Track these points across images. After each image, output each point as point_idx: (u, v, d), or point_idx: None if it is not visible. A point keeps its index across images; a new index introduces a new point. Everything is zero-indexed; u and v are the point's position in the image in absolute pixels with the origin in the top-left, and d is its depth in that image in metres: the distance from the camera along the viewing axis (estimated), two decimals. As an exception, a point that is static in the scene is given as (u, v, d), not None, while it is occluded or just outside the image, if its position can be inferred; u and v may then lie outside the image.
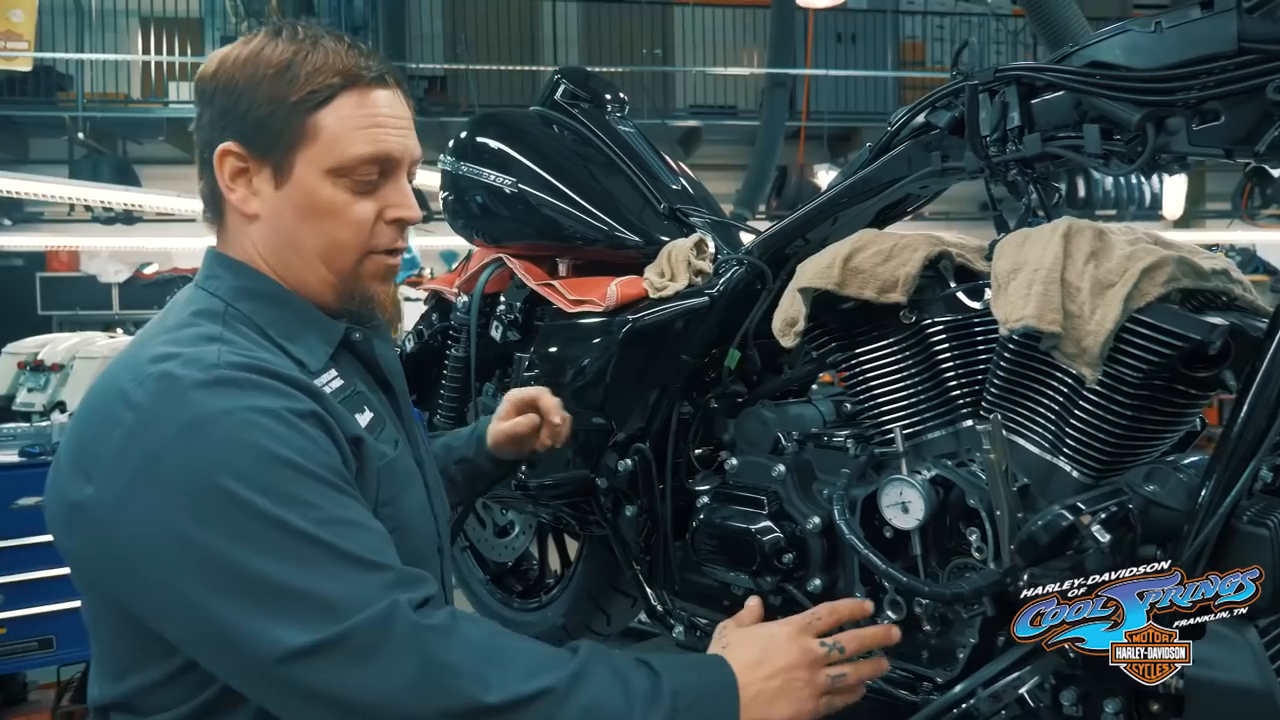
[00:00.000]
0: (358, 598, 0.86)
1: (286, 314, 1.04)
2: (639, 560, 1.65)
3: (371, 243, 1.05)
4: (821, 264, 1.34)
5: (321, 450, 0.92)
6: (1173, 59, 1.11)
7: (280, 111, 1.00)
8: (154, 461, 0.87)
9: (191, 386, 0.89)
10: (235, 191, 1.02)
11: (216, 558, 0.85)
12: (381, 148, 1.02)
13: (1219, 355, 1.08)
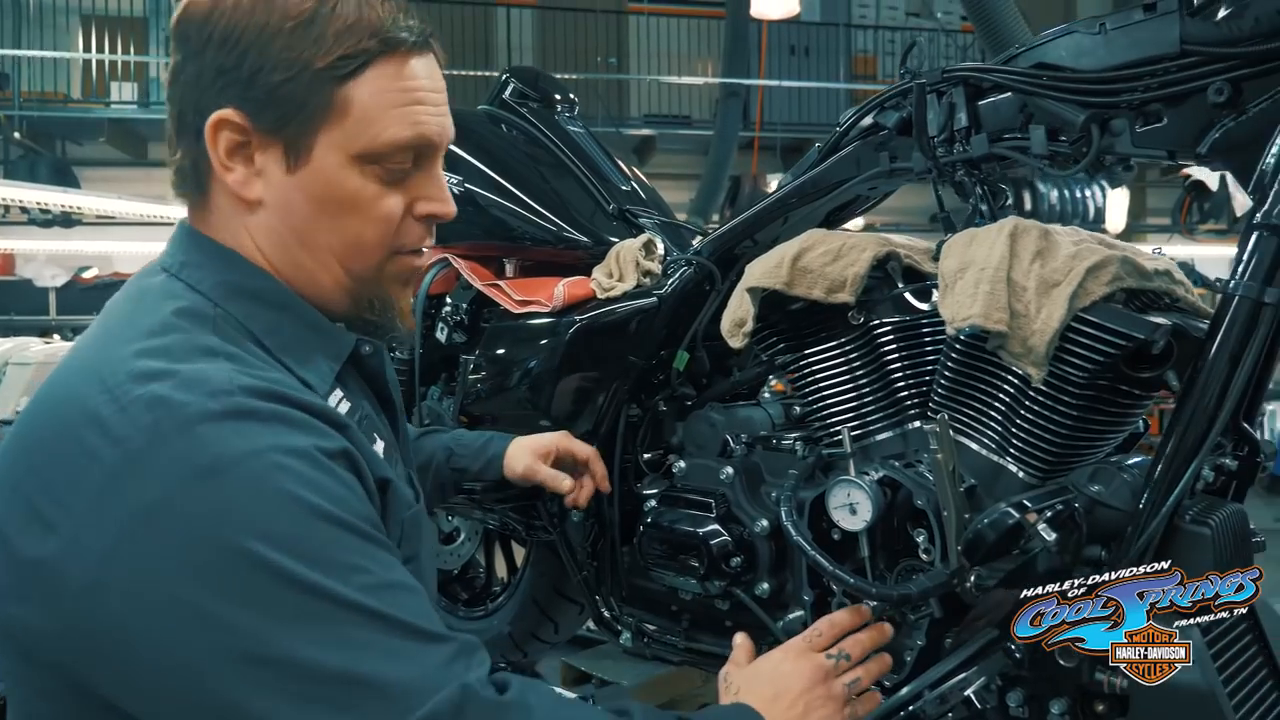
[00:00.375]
0: (425, 681, 0.72)
1: (287, 321, 0.86)
2: (586, 566, 1.63)
3: (398, 241, 0.89)
4: (770, 264, 1.32)
5: (357, 497, 0.77)
6: (1116, 60, 1.12)
7: (301, 79, 0.81)
8: (156, 515, 0.69)
9: (200, 418, 0.71)
10: (233, 171, 0.83)
11: (248, 641, 0.68)
12: (421, 131, 0.86)
13: (1162, 355, 1.08)
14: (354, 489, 0.77)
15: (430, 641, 0.75)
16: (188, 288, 0.84)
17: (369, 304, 0.91)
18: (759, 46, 9.88)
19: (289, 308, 0.87)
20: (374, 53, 0.83)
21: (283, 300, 0.87)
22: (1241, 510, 1.10)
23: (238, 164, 0.84)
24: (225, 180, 0.84)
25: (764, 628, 1.40)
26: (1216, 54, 1.03)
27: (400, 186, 0.87)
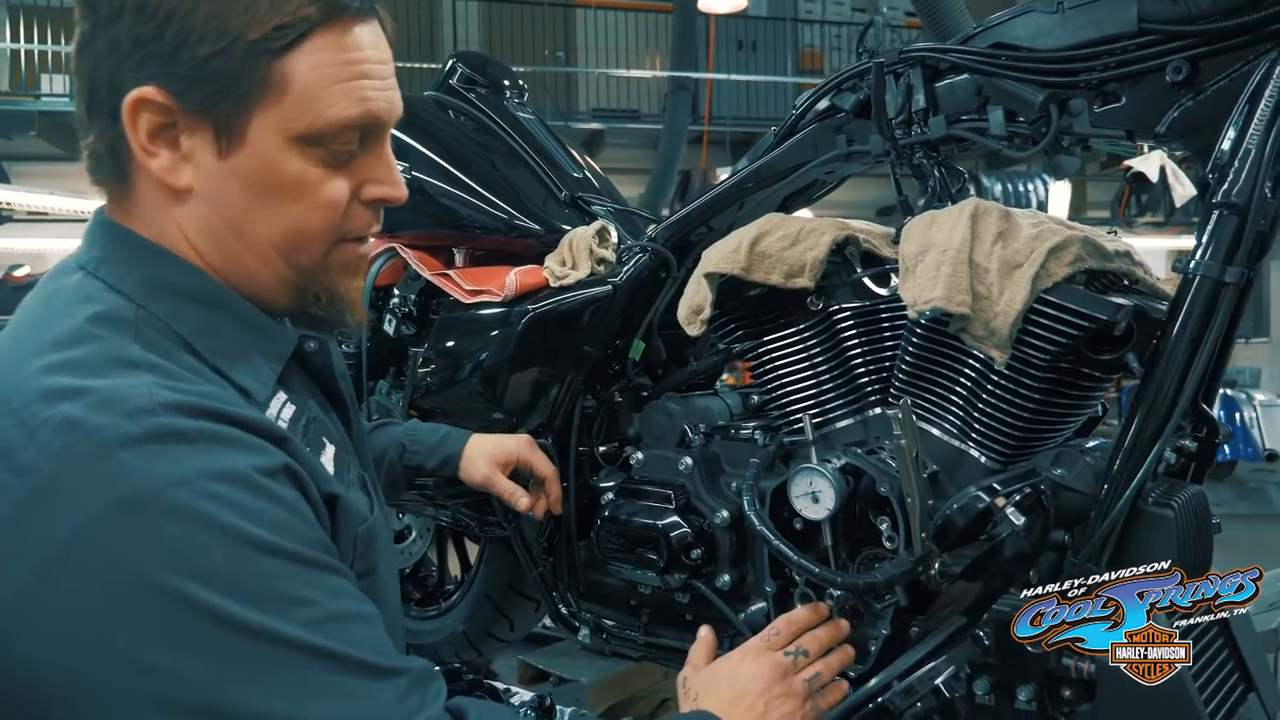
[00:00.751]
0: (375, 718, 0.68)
1: (220, 320, 0.78)
2: (542, 562, 1.59)
3: (344, 228, 0.81)
4: (727, 249, 1.30)
5: (301, 520, 0.70)
6: (1074, 39, 1.11)
7: (232, 52, 0.73)
8: (70, 554, 0.61)
9: (118, 443, 0.63)
10: (156, 156, 0.75)
11: (181, 692, 0.62)
12: (369, 108, 0.77)
13: (1123, 337, 1.08)
14: (297, 510, 0.71)
15: (381, 678, 0.70)
16: (106, 287, 0.75)
17: (314, 297, 0.83)
18: (707, 41, 9.88)
19: (222, 305, 0.79)
20: (314, 21, 0.74)
21: (215, 297, 0.79)
22: (1202, 492, 1.10)
23: (161, 148, 0.75)
24: (148, 167, 0.75)
25: (726, 620, 1.37)
26: (1174, 32, 1.03)
27: (346, 169, 0.80)
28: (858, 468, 1.19)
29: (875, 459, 1.19)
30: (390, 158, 0.83)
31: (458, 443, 1.37)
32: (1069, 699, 1.05)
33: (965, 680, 1.04)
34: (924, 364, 1.20)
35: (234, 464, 0.67)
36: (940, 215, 1.15)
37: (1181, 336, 1.00)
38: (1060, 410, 1.15)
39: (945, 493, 1.18)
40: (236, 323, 0.80)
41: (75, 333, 0.71)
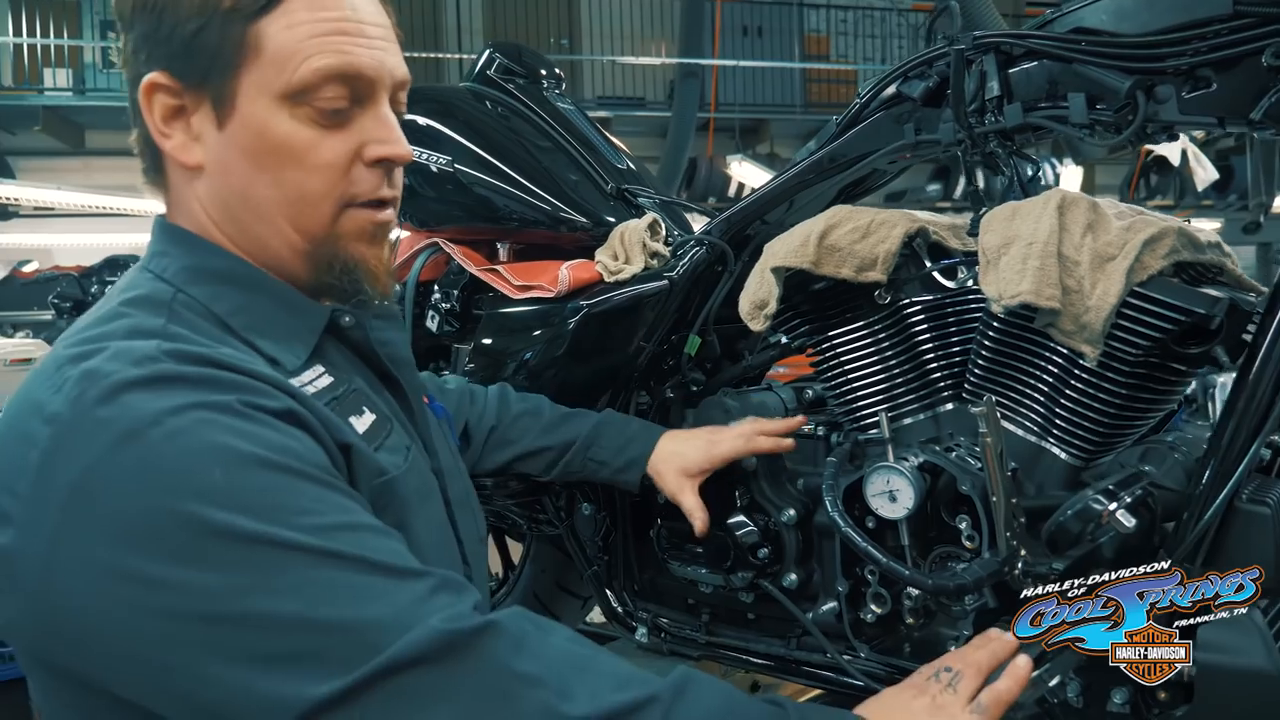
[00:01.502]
0: (395, 618, 0.67)
1: (254, 299, 0.82)
2: (596, 560, 1.56)
3: (349, 191, 0.83)
4: (794, 242, 1.27)
5: (304, 447, 0.73)
6: (1163, 23, 1.07)
7: (212, 23, 0.78)
8: (86, 486, 0.66)
9: (123, 386, 0.68)
10: (171, 138, 0.81)
11: (198, 601, 0.65)
12: (347, 59, 0.79)
13: (1215, 330, 1.05)
14: (300, 440, 0.73)
15: (401, 577, 0.70)
16: (153, 277, 0.81)
17: (328, 266, 0.85)
18: (712, 26, 9.82)
19: (259, 287, 0.84)
20: None
21: (252, 279, 0.84)
22: (1292, 488, 1.07)
23: (175, 130, 0.81)
24: (166, 149, 0.81)
25: (792, 620, 1.35)
26: (1273, 14, 0.99)
27: (342, 130, 0.82)
28: (937, 466, 1.16)
29: (954, 457, 1.16)
30: (389, 117, 0.84)
31: (645, 445, 1.33)
32: (1165, 701, 1.02)
33: (1061, 685, 1.02)
34: (1002, 359, 1.17)
35: (228, 398, 0.70)
36: (1023, 206, 1.12)
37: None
38: (1145, 405, 1.12)
39: (1024, 490, 1.15)
40: (272, 302, 0.84)
41: (107, 313, 0.78)
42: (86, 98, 8.86)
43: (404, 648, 0.66)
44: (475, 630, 0.69)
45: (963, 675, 0.86)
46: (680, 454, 1.32)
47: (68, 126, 9.14)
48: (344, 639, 0.66)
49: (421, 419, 0.97)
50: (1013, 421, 1.17)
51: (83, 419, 0.68)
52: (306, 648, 0.66)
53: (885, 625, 1.27)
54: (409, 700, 0.66)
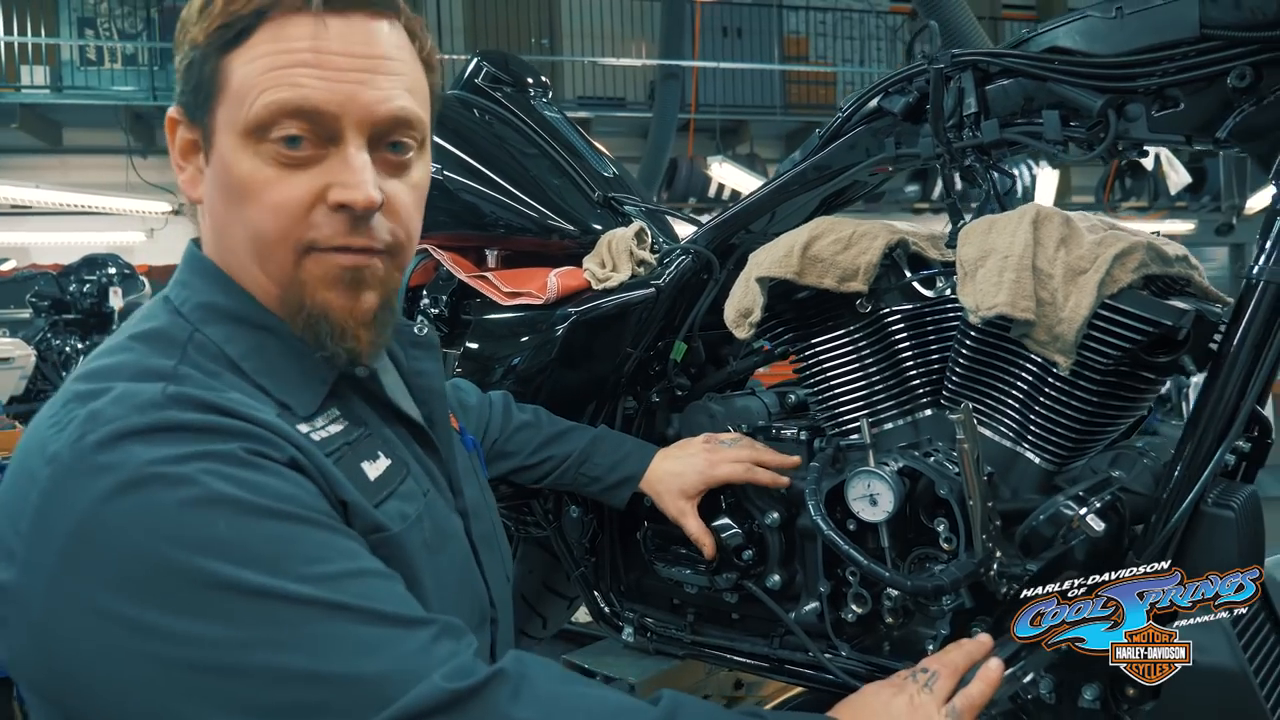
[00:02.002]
0: (400, 671, 0.67)
1: (266, 342, 0.82)
2: (584, 562, 1.59)
3: (308, 236, 0.79)
4: (778, 253, 1.30)
5: (307, 494, 0.73)
6: (1133, 45, 1.11)
7: (196, 58, 0.79)
8: (84, 535, 0.66)
9: (125, 434, 0.68)
10: (184, 171, 0.83)
11: (198, 657, 0.65)
12: (297, 95, 0.76)
13: (1183, 340, 1.09)
14: (303, 486, 0.73)
15: (405, 627, 0.70)
16: (171, 311, 0.82)
17: (295, 313, 0.82)
18: (692, 27, 9.86)
19: (271, 330, 0.82)
20: (250, 17, 0.77)
21: (263, 322, 0.82)
22: (1255, 491, 1.12)
23: (188, 164, 0.84)
24: (179, 182, 0.84)
25: (775, 619, 1.38)
26: (1238, 38, 1.03)
27: (305, 170, 0.78)
28: (915, 470, 1.20)
29: (932, 461, 1.20)
30: (354, 160, 0.79)
31: (638, 465, 1.36)
32: (1133, 698, 1.07)
33: (1034, 682, 1.06)
34: (979, 367, 1.21)
35: (233, 447, 0.70)
36: (999, 220, 1.16)
37: (1245, 343, 1.02)
38: (1115, 412, 1.16)
39: (1000, 493, 1.19)
40: (283, 347, 0.82)
41: (114, 347, 0.78)
42: (64, 95, 8.79)
43: (410, 703, 0.66)
44: (477, 684, 0.69)
45: (939, 676, 0.90)
46: (679, 475, 1.35)
47: (45, 124, 9.06)
48: (349, 692, 0.66)
49: (449, 454, 0.96)
50: (989, 427, 1.21)
51: (82, 462, 0.67)
52: (311, 701, 0.65)
53: (866, 624, 1.31)
54: None
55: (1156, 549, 1.05)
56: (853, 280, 1.26)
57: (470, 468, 1.03)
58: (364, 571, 0.72)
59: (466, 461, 1.02)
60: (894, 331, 1.30)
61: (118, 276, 6.30)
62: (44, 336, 6.27)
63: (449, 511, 0.93)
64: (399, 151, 0.83)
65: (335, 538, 0.72)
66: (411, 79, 0.84)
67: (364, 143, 0.80)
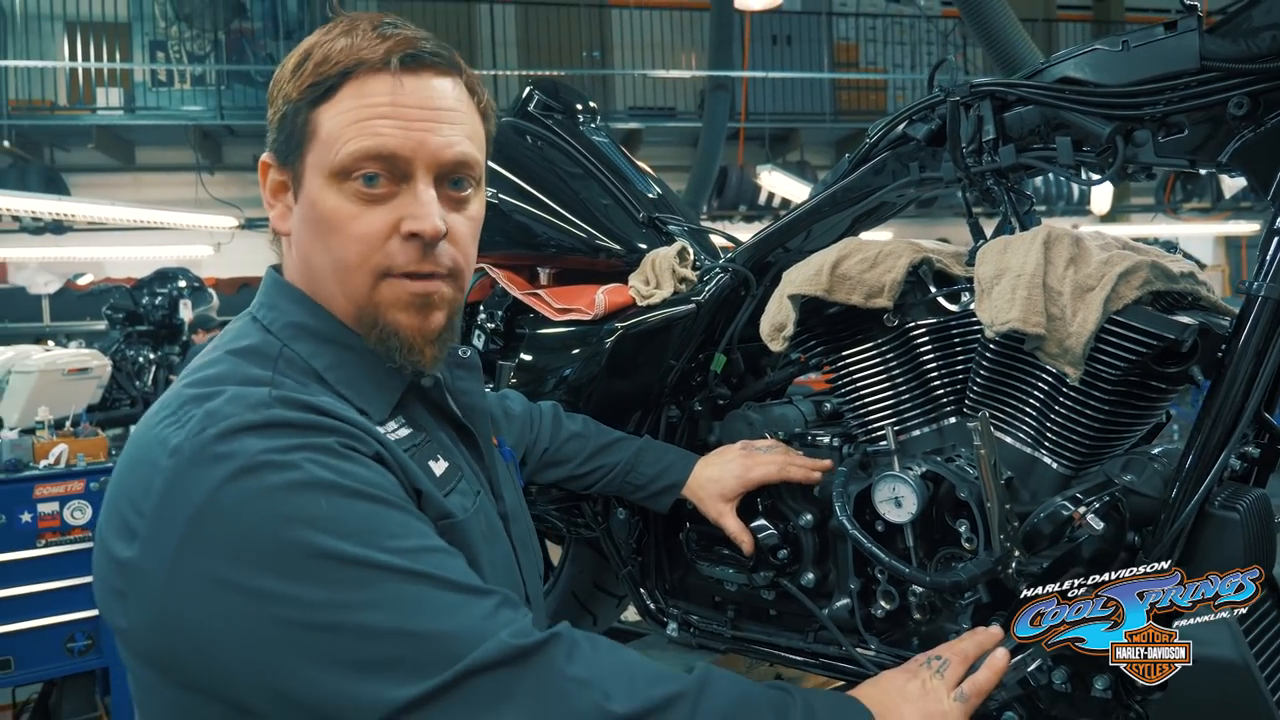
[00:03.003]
0: (471, 630, 0.78)
1: (346, 357, 0.94)
2: (630, 561, 1.69)
3: (385, 263, 0.92)
4: (809, 271, 1.39)
5: (389, 482, 0.85)
6: (1139, 76, 1.19)
7: (289, 112, 0.92)
8: (206, 513, 0.76)
9: (241, 428, 0.79)
10: (274, 208, 0.96)
11: (302, 615, 0.75)
12: (381, 142, 0.89)
13: (1189, 352, 1.16)
14: (385, 475, 0.85)
15: (474, 595, 0.81)
16: (262, 330, 0.94)
17: (369, 330, 0.94)
18: (742, 37, 9.94)
19: (351, 347, 0.95)
20: (337, 76, 0.91)
21: (343, 339, 0.95)
22: (1265, 495, 1.18)
23: (277, 202, 0.97)
24: (270, 218, 0.97)
25: (809, 615, 1.47)
26: (1235, 69, 1.10)
27: (382, 205, 0.91)
28: (938, 474, 1.28)
29: (954, 466, 1.28)
30: (425, 195, 0.92)
31: (679, 473, 1.47)
32: (1143, 688, 1.13)
33: (1046, 670, 1.13)
34: (998, 378, 1.29)
35: (330, 440, 0.82)
36: (1013, 240, 1.24)
37: (1245, 353, 1.09)
38: (1128, 420, 1.23)
39: (1020, 497, 1.27)
40: (360, 361, 0.95)
41: (215, 360, 0.90)
42: (137, 116, 9.16)
43: (480, 655, 0.77)
44: (538, 642, 0.80)
45: (950, 663, 0.99)
46: (718, 480, 1.46)
47: (119, 144, 9.45)
48: (429, 647, 0.77)
49: (490, 463, 1.09)
50: (1008, 434, 1.29)
51: (203, 453, 0.78)
52: (396, 655, 0.76)
53: (894, 620, 1.39)
54: (482, 701, 0.77)
55: (1164, 548, 1.12)
56: (879, 297, 1.35)
57: (508, 476, 1.15)
58: (437, 548, 0.84)
59: (505, 471, 1.14)
60: (919, 344, 1.38)
61: (187, 289, 6.56)
62: (119, 347, 6.54)
63: (495, 515, 1.05)
64: (460, 188, 0.96)
65: (412, 520, 0.84)
66: (471, 127, 0.97)
67: (431, 181, 0.93)
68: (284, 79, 0.94)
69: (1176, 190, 10.35)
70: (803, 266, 1.42)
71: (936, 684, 0.97)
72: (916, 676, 0.98)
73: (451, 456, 1.00)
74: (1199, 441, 1.11)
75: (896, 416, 1.38)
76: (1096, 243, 1.24)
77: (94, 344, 6.79)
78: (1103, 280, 1.15)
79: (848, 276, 1.36)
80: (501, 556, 1.03)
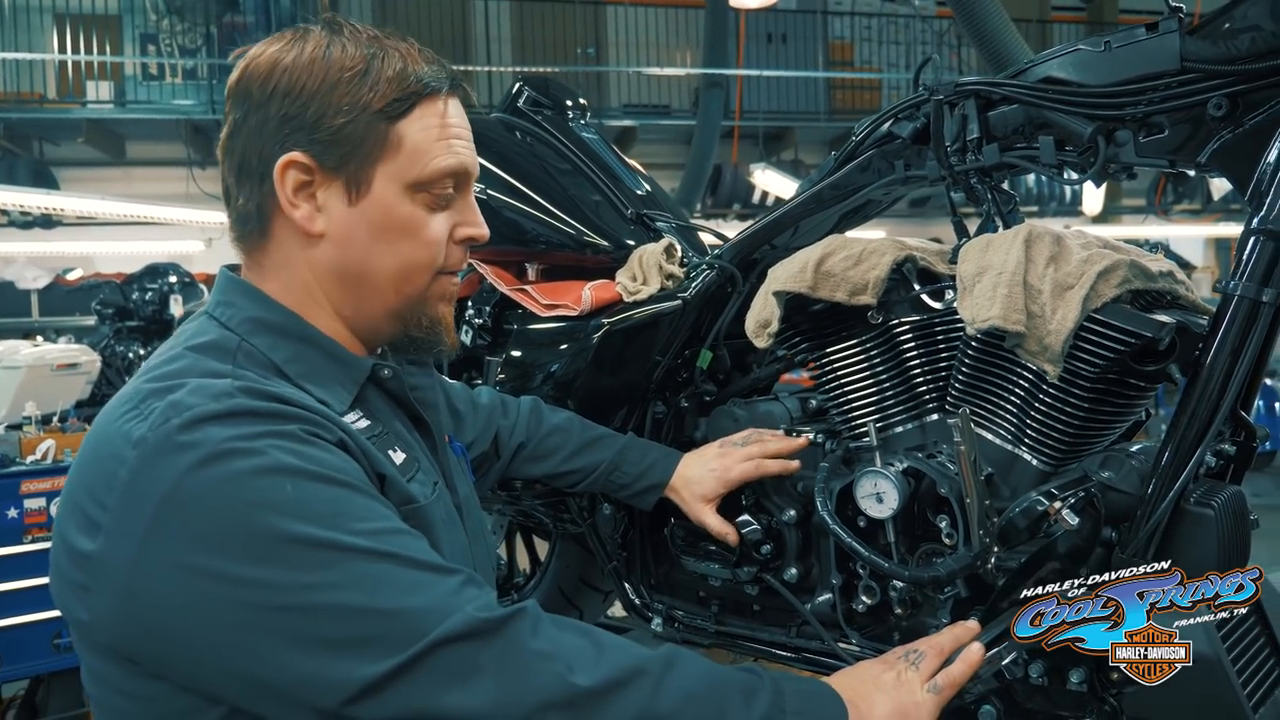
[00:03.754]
0: (437, 606, 0.81)
1: (305, 350, 0.96)
2: (616, 556, 1.70)
3: (444, 263, 1.01)
4: (794, 268, 1.40)
5: (353, 467, 0.87)
6: (1121, 76, 1.20)
7: (359, 120, 0.93)
8: (172, 501, 0.77)
9: (205, 418, 0.80)
10: (299, 208, 0.95)
11: (270, 599, 0.77)
12: (460, 160, 0.98)
13: (1167, 350, 1.17)
14: (348, 461, 0.87)
15: (440, 573, 0.84)
16: (219, 326, 0.95)
17: (417, 322, 1.02)
18: (737, 35, 9.96)
19: (310, 341, 0.97)
20: (419, 95, 0.96)
21: (303, 334, 0.97)
22: (1240, 492, 1.19)
23: (303, 201, 0.95)
24: (292, 217, 0.95)
25: (792, 610, 1.48)
26: (1215, 71, 1.12)
27: (444, 212, 1.00)
28: (919, 470, 1.29)
29: (935, 463, 1.29)
30: (475, 205, 1.03)
31: (662, 473, 1.48)
32: (1117, 681, 1.15)
33: (1022, 664, 1.14)
34: (979, 375, 1.30)
35: (294, 427, 0.84)
36: (995, 239, 1.25)
37: (1222, 352, 1.10)
38: (1107, 417, 1.25)
39: (1000, 493, 1.28)
40: (321, 355, 0.97)
41: (174, 356, 0.91)
42: (127, 110, 9.13)
43: (446, 629, 0.80)
44: (503, 616, 0.83)
45: (925, 655, 1.00)
46: (698, 482, 1.47)
47: (109, 138, 9.42)
48: (396, 624, 0.79)
49: (444, 455, 1.12)
50: (989, 430, 1.30)
51: (167, 442, 0.79)
52: (365, 633, 0.78)
53: (875, 615, 1.40)
54: (448, 674, 0.79)
55: (1140, 544, 1.13)
56: (863, 294, 1.36)
57: (461, 470, 1.18)
58: (401, 530, 0.86)
59: (457, 465, 1.17)
60: (902, 341, 1.39)
61: (178, 285, 6.55)
62: (108, 343, 6.53)
63: (450, 502, 1.08)
64: None
65: (375, 504, 0.86)
66: None
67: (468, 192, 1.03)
68: (341, 82, 0.94)
69: (1167, 192, 10.41)
70: (788, 263, 1.43)
71: (911, 675, 0.98)
72: (892, 668, 1.00)
73: (409, 448, 1.03)
74: (1175, 438, 1.12)
75: (879, 413, 1.39)
76: (1077, 241, 1.25)
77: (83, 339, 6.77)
78: (1082, 278, 1.16)
79: (832, 273, 1.37)
80: (459, 544, 1.06)
